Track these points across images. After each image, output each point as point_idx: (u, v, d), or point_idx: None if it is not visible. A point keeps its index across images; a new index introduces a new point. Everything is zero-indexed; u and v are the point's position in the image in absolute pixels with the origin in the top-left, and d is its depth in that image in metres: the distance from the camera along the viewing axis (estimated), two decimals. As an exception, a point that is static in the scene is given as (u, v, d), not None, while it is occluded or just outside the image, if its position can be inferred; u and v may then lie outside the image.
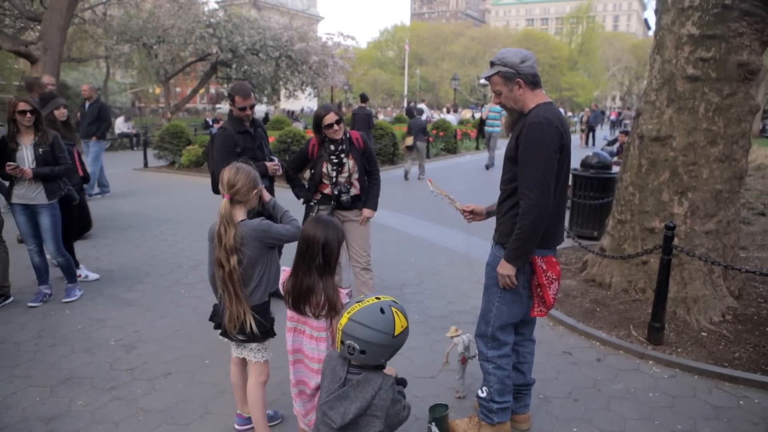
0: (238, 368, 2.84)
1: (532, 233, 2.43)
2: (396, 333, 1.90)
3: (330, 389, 1.93)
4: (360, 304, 1.92)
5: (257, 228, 2.52)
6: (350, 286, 2.62)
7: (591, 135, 22.17)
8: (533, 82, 2.52)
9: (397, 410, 1.92)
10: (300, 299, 2.43)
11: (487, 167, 14.24)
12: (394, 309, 1.93)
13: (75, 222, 5.23)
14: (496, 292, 2.66)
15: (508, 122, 2.77)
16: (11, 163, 4.22)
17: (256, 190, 2.59)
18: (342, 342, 1.91)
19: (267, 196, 2.78)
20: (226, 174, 2.53)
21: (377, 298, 1.95)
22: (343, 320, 1.91)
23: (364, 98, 12.70)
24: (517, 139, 2.50)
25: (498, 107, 13.02)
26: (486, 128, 15.03)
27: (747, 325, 4.24)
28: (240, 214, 2.57)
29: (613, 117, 35.78)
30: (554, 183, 2.47)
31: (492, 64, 2.56)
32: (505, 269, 2.53)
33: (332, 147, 4.03)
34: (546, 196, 2.40)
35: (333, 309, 2.40)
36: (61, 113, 5.20)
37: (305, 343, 2.51)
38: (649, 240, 4.59)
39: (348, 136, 4.10)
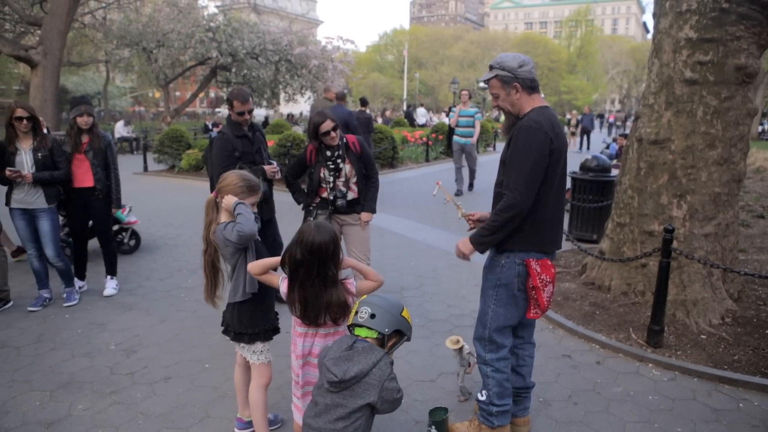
0: (242, 370, 2.85)
1: (502, 228, 2.52)
2: (402, 314, 2.19)
3: (335, 353, 2.07)
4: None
5: (219, 234, 2.55)
6: (354, 276, 2.60)
7: (586, 139, 21.80)
8: (530, 86, 2.54)
9: (393, 386, 2.03)
10: (319, 314, 2.39)
11: (459, 193, 10.57)
12: (405, 307, 2.26)
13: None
14: (492, 294, 2.67)
15: (505, 126, 2.80)
16: (12, 168, 4.23)
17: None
18: (356, 312, 2.14)
19: (230, 200, 2.58)
20: (227, 173, 2.67)
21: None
22: (363, 297, 2.24)
23: (364, 102, 12.64)
24: (510, 142, 2.53)
25: (472, 110, 10.48)
26: (455, 138, 10.65)
27: (746, 327, 4.24)
28: (223, 216, 2.61)
29: (611, 120, 35.87)
30: (546, 187, 2.51)
31: (491, 67, 2.59)
32: (466, 248, 2.63)
33: (329, 152, 4.04)
34: (526, 199, 2.45)
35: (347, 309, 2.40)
36: (84, 121, 4.63)
37: (317, 343, 2.49)
38: (648, 243, 4.60)
39: (345, 140, 4.11)
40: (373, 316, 2.11)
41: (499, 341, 2.71)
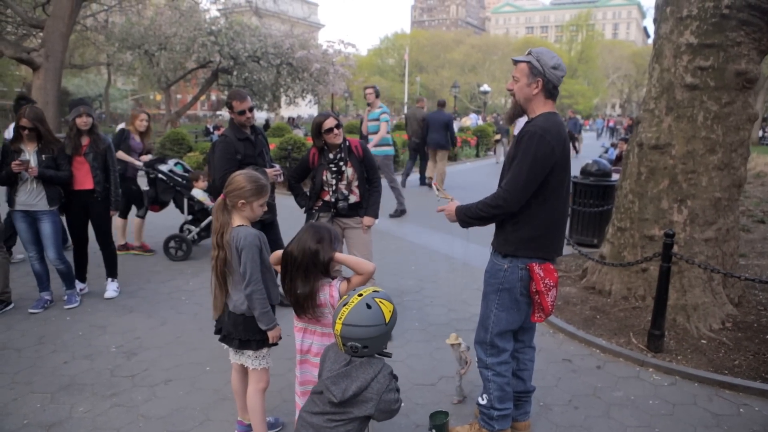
0: (239, 375, 2.85)
1: (486, 220, 2.59)
2: (387, 320, 2.02)
3: (333, 368, 2.03)
4: (347, 306, 2.01)
5: (236, 240, 2.54)
6: (341, 280, 2.58)
7: (572, 144, 21.55)
8: (550, 91, 2.55)
9: (390, 398, 2.01)
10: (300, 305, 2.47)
11: (399, 212, 8.62)
12: (377, 300, 2.04)
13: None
14: (495, 299, 2.68)
15: (508, 113, 2.80)
16: (19, 160, 4.26)
17: (242, 202, 2.58)
18: (344, 345, 2.01)
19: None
20: (234, 175, 2.63)
21: (359, 295, 2.05)
22: (338, 326, 2.00)
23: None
24: (516, 145, 2.54)
25: (377, 111, 8.20)
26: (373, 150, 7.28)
27: (747, 332, 4.24)
28: (237, 218, 2.61)
29: (611, 124, 36.01)
30: (551, 193, 2.52)
31: (529, 53, 2.59)
32: (450, 215, 2.71)
33: (331, 155, 4.06)
34: (516, 201, 2.48)
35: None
36: (83, 121, 4.64)
37: (316, 342, 2.53)
38: (648, 247, 4.60)
39: (347, 144, 4.13)
40: (366, 347, 2.00)
41: (501, 345, 2.72)
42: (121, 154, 5.96)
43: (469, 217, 2.63)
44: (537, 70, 2.52)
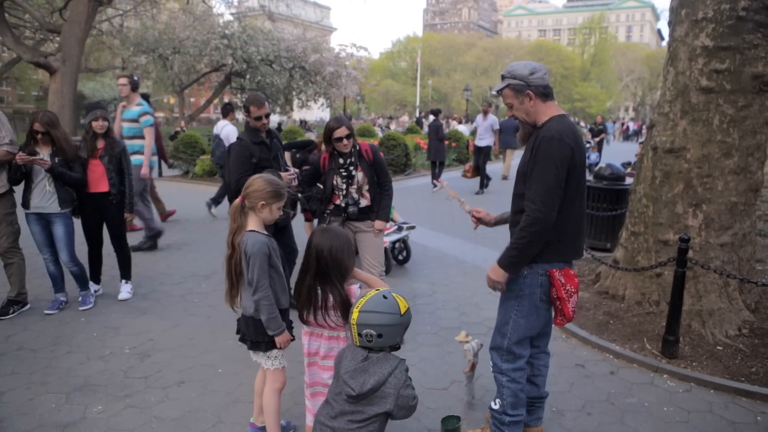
0: (263, 375, 2.86)
1: (531, 245, 2.45)
2: (402, 312, 2.12)
3: (350, 365, 2.08)
4: (364, 298, 2.13)
5: (245, 245, 2.55)
6: (360, 284, 2.67)
7: None
8: (544, 93, 2.52)
9: (408, 393, 2.06)
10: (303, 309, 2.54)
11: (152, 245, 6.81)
12: (393, 294, 2.16)
13: None
14: (514, 305, 2.64)
15: (522, 134, 2.78)
16: (23, 153, 4.26)
17: (263, 203, 2.59)
18: (359, 335, 2.09)
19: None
20: (253, 177, 2.66)
21: (377, 290, 2.18)
22: (354, 315, 2.10)
23: (436, 112, 13.34)
24: (531, 152, 2.51)
25: (136, 110, 6.44)
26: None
27: (764, 339, 4.18)
28: (251, 222, 2.62)
29: (635, 127, 35.65)
30: (568, 197, 2.48)
31: (503, 77, 2.59)
32: (497, 275, 2.54)
33: (341, 160, 4.07)
34: (549, 212, 2.40)
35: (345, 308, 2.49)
36: (99, 125, 4.67)
37: (323, 345, 2.57)
38: (663, 252, 4.56)
39: (357, 148, 4.13)
40: (380, 335, 2.06)
41: (518, 352, 2.68)
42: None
43: (513, 255, 2.48)
44: (519, 85, 2.51)
